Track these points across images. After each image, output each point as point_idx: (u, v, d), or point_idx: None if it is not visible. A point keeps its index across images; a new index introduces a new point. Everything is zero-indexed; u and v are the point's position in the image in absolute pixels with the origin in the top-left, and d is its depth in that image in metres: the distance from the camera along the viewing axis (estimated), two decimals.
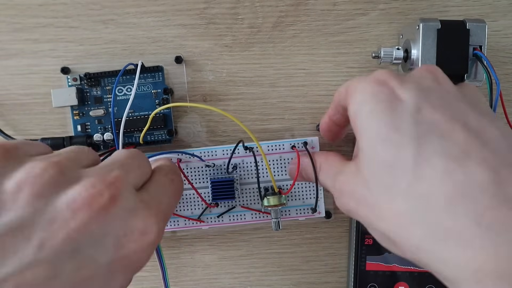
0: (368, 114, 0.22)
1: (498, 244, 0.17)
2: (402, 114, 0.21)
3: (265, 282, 0.35)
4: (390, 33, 0.34)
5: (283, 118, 0.34)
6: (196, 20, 0.33)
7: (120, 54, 0.33)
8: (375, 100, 0.22)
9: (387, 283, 0.33)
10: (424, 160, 0.19)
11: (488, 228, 0.17)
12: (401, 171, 0.20)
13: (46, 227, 0.18)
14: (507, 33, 0.34)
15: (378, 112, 0.21)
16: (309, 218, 0.33)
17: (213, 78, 0.34)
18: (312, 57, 0.34)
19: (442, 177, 0.19)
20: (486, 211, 0.17)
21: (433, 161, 0.19)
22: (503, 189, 0.18)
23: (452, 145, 0.19)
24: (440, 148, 0.19)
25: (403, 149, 0.20)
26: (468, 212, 0.18)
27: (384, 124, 0.21)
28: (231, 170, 0.32)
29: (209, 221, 0.33)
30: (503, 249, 0.17)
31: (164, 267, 0.30)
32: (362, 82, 0.23)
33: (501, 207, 0.17)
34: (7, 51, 0.33)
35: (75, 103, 0.32)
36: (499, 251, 0.17)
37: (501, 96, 0.29)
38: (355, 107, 0.23)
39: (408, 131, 0.20)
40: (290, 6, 0.33)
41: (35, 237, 0.18)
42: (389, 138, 0.21)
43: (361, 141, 0.22)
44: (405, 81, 0.22)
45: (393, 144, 0.20)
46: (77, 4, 0.33)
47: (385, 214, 0.21)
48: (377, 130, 0.21)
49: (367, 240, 0.33)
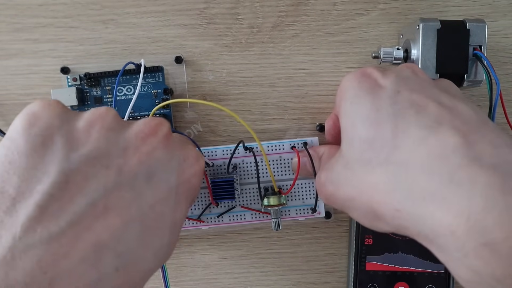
0: (352, 99, 0.24)
1: (470, 198, 0.18)
2: (382, 97, 0.23)
3: (265, 282, 0.35)
4: (390, 33, 0.34)
5: (283, 118, 0.34)
6: (196, 20, 0.33)
7: (120, 54, 0.33)
8: (358, 87, 0.24)
9: (387, 283, 0.33)
10: (400, 131, 0.21)
11: (460, 184, 0.18)
12: (380, 145, 0.22)
13: (121, 155, 0.20)
14: (507, 33, 0.34)
15: (360, 97, 0.24)
16: (309, 218, 0.33)
17: (213, 78, 0.34)
18: (312, 57, 0.34)
19: (418, 144, 0.20)
20: (458, 169, 0.19)
21: (409, 131, 0.21)
22: (472, 150, 0.19)
23: (426, 116, 0.21)
24: (415, 120, 0.21)
25: (382, 125, 0.22)
26: (441, 171, 0.19)
27: (365, 106, 0.23)
28: (231, 170, 0.32)
29: (209, 221, 0.33)
30: (474, 202, 0.18)
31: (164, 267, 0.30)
32: (349, 75, 0.26)
33: (471, 165, 0.19)
34: (7, 51, 0.33)
35: (75, 103, 0.32)
36: (471, 204, 0.18)
37: (501, 96, 0.29)
38: (341, 95, 0.25)
39: (387, 109, 0.22)
40: (290, 6, 0.33)
41: (112, 164, 0.20)
42: (369, 117, 0.23)
43: (344, 124, 0.24)
44: (386, 73, 0.25)
45: (373, 122, 0.22)
46: (77, 4, 0.33)
47: (366, 187, 0.22)
48: (359, 112, 0.23)
49: (367, 240, 0.33)
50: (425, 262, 0.33)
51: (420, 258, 0.33)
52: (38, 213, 0.17)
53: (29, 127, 0.20)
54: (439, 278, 0.33)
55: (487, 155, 0.19)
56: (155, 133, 0.22)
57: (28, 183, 0.18)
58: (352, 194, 0.23)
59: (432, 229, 0.19)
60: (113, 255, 0.19)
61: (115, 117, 0.22)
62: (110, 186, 0.19)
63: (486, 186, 0.18)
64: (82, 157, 0.19)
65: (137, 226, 0.20)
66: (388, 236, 0.33)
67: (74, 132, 0.20)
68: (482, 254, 0.17)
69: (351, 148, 0.24)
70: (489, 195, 0.18)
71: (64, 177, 0.19)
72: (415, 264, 0.33)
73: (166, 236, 0.22)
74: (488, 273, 0.17)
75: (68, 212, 0.18)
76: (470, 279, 0.19)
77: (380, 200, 0.21)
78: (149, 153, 0.21)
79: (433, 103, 0.22)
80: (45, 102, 0.21)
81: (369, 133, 0.22)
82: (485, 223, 0.17)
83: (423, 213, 0.19)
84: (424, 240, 0.20)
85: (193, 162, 0.24)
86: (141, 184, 0.21)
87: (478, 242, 0.17)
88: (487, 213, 0.17)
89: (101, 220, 0.19)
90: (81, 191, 0.19)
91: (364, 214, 0.23)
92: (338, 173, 0.25)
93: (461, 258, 0.18)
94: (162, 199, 0.21)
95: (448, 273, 0.33)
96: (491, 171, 0.18)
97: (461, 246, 0.18)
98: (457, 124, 0.20)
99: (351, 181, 0.23)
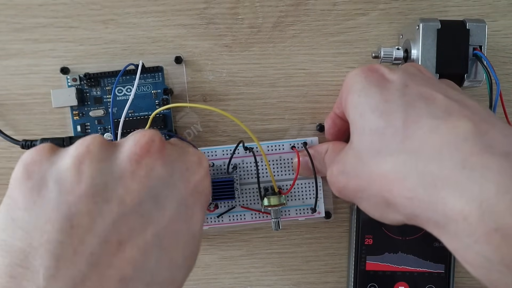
0: (360, 92, 0.24)
1: (482, 184, 0.18)
2: (390, 89, 0.23)
3: (265, 282, 0.35)
4: (390, 33, 0.34)
5: (283, 118, 0.34)
6: (196, 20, 0.33)
7: (120, 54, 0.33)
8: (366, 81, 0.24)
9: (387, 283, 0.33)
10: (412, 122, 0.21)
11: (472, 171, 0.19)
12: (391, 135, 0.22)
13: (119, 184, 0.20)
14: (507, 33, 0.34)
15: (368, 89, 0.24)
16: (309, 218, 0.33)
17: (213, 78, 0.34)
18: (312, 57, 0.34)
19: (429, 133, 0.21)
20: (470, 156, 0.19)
21: (420, 122, 0.21)
22: (483, 138, 0.19)
23: (436, 108, 0.21)
24: (425, 112, 0.21)
25: (393, 116, 0.22)
26: (453, 158, 0.19)
27: (374, 97, 0.23)
28: (231, 170, 0.32)
29: (209, 221, 0.33)
30: (486, 188, 0.18)
31: None
32: (355, 70, 0.26)
33: (482, 153, 0.19)
34: (7, 51, 0.33)
35: (74, 103, 0.32)
36: (483, 190, 0.18)
37: (501, 96, 0.29)
38: (347, 89, 0.25)
39: (397, 101, 0.22)
40: (290, 6, 0.33)
41: (112, 196, 0.19)
42: (379, 108, 0.23)
43: (353, 116, 0.24)
44: (392, 69, 0.25)
45: (383, 112, 0.22)
46: (77, 4, 0.33)
47: (376, 176, 0.22)
48: (368, 103, 0.23)
49: (367, 240, 0.33)
50: (425, 262, 0.33)
51: (420, 258, 0.33)
52: (54, 261, 0.18)
53: (25, 180, 0.20)
54: (439, 278, 0.33)
55: (498, 143, 0.19)
56: (148, 151, 0.21)
57: (33, 234, 0.18)
58: (363, 184, 0.23)
59: (444, 214, 0.19)
60: (141, 285, 0.19)
61: (102, 145, 0.21)
62: (117, 219, 0.19)
63: (498, 172, 0.18)
64: (80, 197, 0.19)
65: (156, 251, 0.20)
66: (388, 236, 0.33)
67: (66, 173, 0.20)
68: (493, 240, 0.17)
69: (361, 139, 0.24)
70: (501, 181, 0.18)
71: (67, 222, 0.18)
72: (415, 264, 0.33)
73: (187, 249, 0.22)
74: (498, 259, 0.18)
75: (83, 255, 0.18)
76: (480, 265, 0.19)
77: (391, 189, 0.21)
78: (148, 175, 0.20)
79: (441, 95, 0.22)
80: (36, 150, 0.20)
81: (379, 123, 0.22)
82: (497, 208, 0.17)
83: (435, 199, 0.19)
84: (435, 228, 0.20)
85: (195, 168, 0.23)
86: (149, 208, 0.20)
87: (489, 227, 0.17)
88: (499, 199, 0.17)
89: (119, 254, 0.19)
90: (90, 231, 0.18)
91: (374, 204, 0.23)
92: (349, 164, 0.25)
93: (472, 244, 0.18)
94: (174, 217, 0.21)
95: (448, 273, 0.33)
96: (503, 158, 0.18)
97: (472, 232, 0.18)
98: (467, 114, 0.21)
99: (362, 171, 0.23)
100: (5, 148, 0.34)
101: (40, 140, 0.31)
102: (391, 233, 0.33)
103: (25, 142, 0.32)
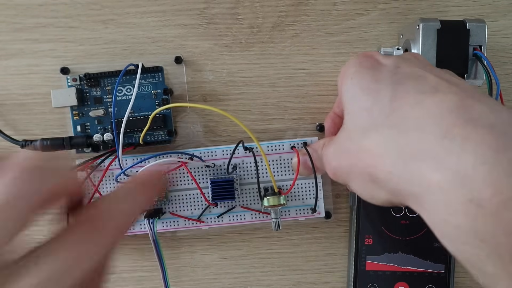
0: (353, 75, 0.24)
1: (459, 154, 0.18)
2: (382, 71, 0.23)
3: (265, 282, 0.35)
4: (390, 33, 0.34)
5: (283, 118, 0.34)
6: (196, 20, 0.33)
7: (120, 54, 0.33)
8: (359, 66, 0.24)
9: (387, 283, 0.33)
10: (398, 98, 0.21)
11: (452, 141, 0.18)
12: (378, 111, 0.22)
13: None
14: (507, 33, 0.34)
15: (361, 72, 0.24)
16: (309, 218, 0.33)
17: (213, 78, 0.34)
18: (312, 57, 0.34)
19: (413, 106, 0.21)
20: (452, 128, 0.19)
21: (406, 97, 0.21)
22: (468, 112, 0.19)
23: (424, 84, 0.21)
24: (413, 88, 0.21)
25: (381, 93, 0.22)
26: (435, 130, 0.19)
27: (366, 79, 0.23)
28: (231, 170, 0.32)
29: (209, 221, 0.33)
30: (464, 158, 0.17)
31: (164, 267, 0.30)
32: (350, 59, 0.26)
33: (466, 125, 0.18)
34: (7, 51, 0.33)
35: (74, 103, 0.32)
36: (461, 161, 0.18)
37: (501, 96, 0.29)
38: (342, 76, 0.25)
39: (387, 79, 0.23)
40: (290, 6, 0.33)
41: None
42: (370, 87, 0.23)
43: (345, 99, 0.24)
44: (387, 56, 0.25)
45: (372, 91, 0.23)
46: (77, 4, 0.33)
47: (364, 152, 0.22)
48: (359, 84, 0.23)
49: (367, 240, 0.33)
50: (425, 262, 0.33)
51: (420, 258, 0.33)
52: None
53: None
54: (439, 278, 0.33)
55: (484, 117, 0.18)
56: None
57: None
58: (353, 162, 0.24)
59: (421, 186, 0.19)
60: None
61: None
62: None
63: (479, 143, 0.17)
64: None
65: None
66: (388, 236, 0.33)
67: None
68: (468, 210, 0.17)
69: (351, 117, 0.24)
70: (480, 152, 0.17)
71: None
72: (415, 264, 0.33)
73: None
74: (473, 232, 0.17)
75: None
76: (455, 238, 0.18)
77: (375, 164, 0.22)
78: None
79: (432, 75, 0.22)
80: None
81: (368, 100, 0.23)
82: (472, 179, 0.17)
83: (413, 171, 0.19)
84: (414, 203, 0.20)
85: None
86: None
87: (465, 198, 0.17)
88: (476, 169, 0.17)
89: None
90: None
91: (363, 182, 0.23)
92: (341, 144, 0.25)
93: (447, 216, 0.18)
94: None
95: (448, 273, 0.33)
96: (486, 129, 0.18)
97: (448, 203, 0.18)
98: (454, 90, 0.20)
99: (352, 149, 0.24)
100: (5, 148, 0.34)
101: (40, 140, 0.31)
102: (391, 233, 0.33)
103: (25, 142, 0.32)
